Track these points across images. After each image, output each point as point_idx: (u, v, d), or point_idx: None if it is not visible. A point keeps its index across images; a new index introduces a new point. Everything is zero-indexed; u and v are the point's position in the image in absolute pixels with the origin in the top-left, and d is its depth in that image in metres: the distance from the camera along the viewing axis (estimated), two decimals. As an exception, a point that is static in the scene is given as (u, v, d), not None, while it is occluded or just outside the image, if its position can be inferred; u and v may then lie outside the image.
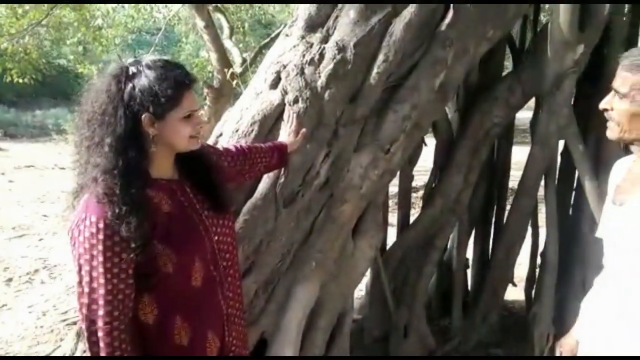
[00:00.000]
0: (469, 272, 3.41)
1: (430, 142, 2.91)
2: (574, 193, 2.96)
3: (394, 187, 3.23)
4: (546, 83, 2.47)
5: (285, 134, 1.92)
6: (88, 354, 1.21)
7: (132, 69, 1.23)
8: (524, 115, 3.14)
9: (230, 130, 2.02)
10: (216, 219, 1.37)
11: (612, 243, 1.31)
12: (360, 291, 3.24)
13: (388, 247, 2.97)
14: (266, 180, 1.98)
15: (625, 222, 1.24)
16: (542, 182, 2.76)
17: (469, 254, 3.33)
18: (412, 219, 3.07)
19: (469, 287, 3.42)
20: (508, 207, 3.01)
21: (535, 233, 3.19)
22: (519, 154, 3.27)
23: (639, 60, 1.19)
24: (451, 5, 2.06)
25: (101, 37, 7.90)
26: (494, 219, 3.30)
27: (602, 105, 1.27)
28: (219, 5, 7.06)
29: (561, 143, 2.69)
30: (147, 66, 1.23)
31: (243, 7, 8.82)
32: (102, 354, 1.19)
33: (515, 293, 3.44)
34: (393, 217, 3.25)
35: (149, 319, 1.27)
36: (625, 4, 2.62)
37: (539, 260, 3.03)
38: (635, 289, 1.21)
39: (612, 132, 1.27)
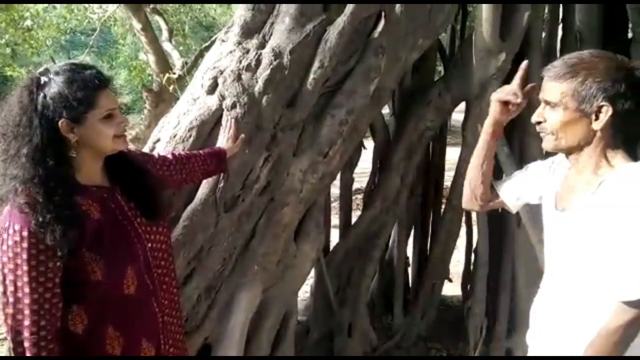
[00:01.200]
0: (409, 269, 3.53)
1: (370, 145, 2.99)
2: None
3: (336, 190, 3.30)
4: (472, 89, 2.61)
5: (224, 140, 1.93)
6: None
7: (43, 78, 1.22)
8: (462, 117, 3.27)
9: (168, 135, 2.00)
10: (149, 226, 1.36)
11: (555, 247, 1.33)
12: (305, 292, 3.28)
13: (331, 248, 3.03)
14: (206, 185, 1.98)
15: (568, 227, 1.26)
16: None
17: (409, 252, 3.45)
18: (354, 221, 3.14)
19: (410, 284, 3.55)
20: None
21: (469, 231, 3.34)
22: (457, 155, 3.41)
23: (563, 69, 1.21)
24: (382, 14, 2.15)
25: (31, 38, 7.49)
26: (431, 218, 3.43)
27: (535, 118, 1.29)
28: (156, 6, 6.89)
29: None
30: (56, 72, 1.23)
31: (182, 9, 8.66)
32: None
33: (453, 288, 3.60)
34: (336, 219, 3.32)
35: (78, 329, 1.25)
36: (542, 3, 2.77)
37: (473, 257, 3.18)
38: (579, 291, 1.24)
39: (548, 143, 1.28)
